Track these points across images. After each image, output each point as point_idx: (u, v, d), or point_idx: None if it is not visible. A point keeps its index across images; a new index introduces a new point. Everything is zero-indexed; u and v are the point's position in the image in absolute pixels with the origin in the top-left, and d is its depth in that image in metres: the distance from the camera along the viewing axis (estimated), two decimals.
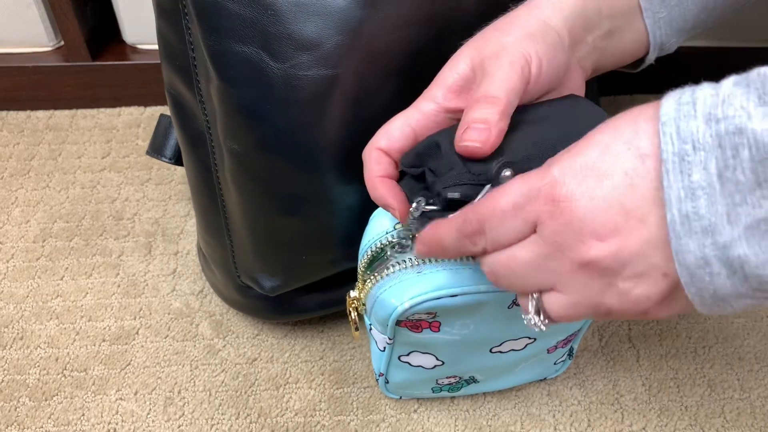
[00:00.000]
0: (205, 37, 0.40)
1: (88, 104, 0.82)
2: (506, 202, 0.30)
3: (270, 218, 0.47)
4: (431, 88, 0.38)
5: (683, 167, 0.26)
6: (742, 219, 0.25)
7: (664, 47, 0.42)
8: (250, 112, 0.41)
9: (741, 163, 0.25)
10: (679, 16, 0.41)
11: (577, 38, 0.38)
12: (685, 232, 0.26)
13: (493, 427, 0.55)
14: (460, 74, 0.37)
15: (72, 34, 0.76)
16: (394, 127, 0.38)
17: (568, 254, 0.29)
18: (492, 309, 0.42)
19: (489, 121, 0.33)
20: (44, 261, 0.67)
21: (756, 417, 0.56)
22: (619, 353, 0.60)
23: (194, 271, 0.66)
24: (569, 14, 0.37)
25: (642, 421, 0.56)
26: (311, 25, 0.39)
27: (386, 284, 0.41)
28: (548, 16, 0.37)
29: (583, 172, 0.28)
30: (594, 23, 0.38)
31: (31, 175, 0.75)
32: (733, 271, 0.26)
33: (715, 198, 0.25)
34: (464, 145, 0.34)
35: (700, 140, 0.25)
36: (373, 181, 0.37)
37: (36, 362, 0.59)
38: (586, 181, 0.28)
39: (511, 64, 0.35)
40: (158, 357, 0.59)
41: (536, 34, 0.36)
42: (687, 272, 0.27)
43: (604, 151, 0.28)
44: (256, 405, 0.56)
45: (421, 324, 0.43)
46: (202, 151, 0.49)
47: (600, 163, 0.28)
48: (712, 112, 0.25)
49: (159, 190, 0.73)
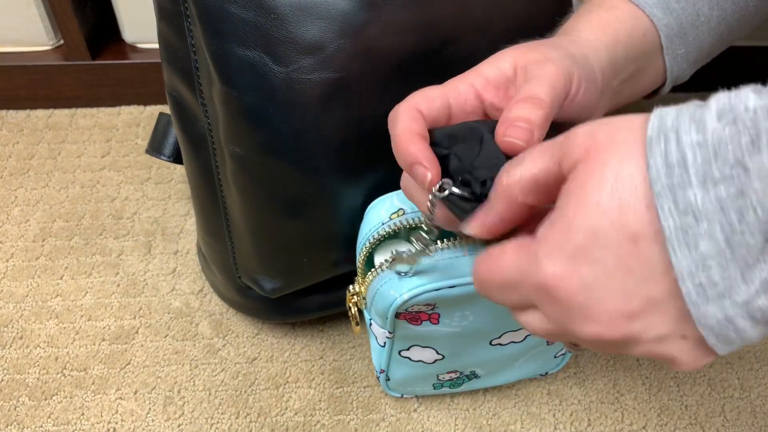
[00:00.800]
0: (208, 41, 0.40)
1: (87, 103, 0.82)
2: (501, 277, 0.30)
3: (271, 220, 0.47)
4: (467, 75, 0.36)
5: (688, 240, 0.24)
6: (757, 275, 0.24)
7: (679, 78, 0.42)
8: (252, 116, 0.41)
9: (748, 227, 0.23)
10: (696, 50, 0.41)
11: (607, 82, 0.38)
12: (703, 301, 0.25)
13: (493, 426, 0.55)
14: (501, 70, 0.35)
15: (72, 33, 0.76)
16: (433, 95, 0.35)
17: (578, 332, 0.28)
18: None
19: (532, 122, 0.32)
20: (44, 260, 0.66)
21: (756, 416, 0.56)
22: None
23: (194, 271, 0.66)
24: (603, 58, 0.37)
25: (642, 420, 0.56)
26: (314, 28, 0.39)
27: (386, 277, 0.41)
28: (587, 53, 0.36)
29: (574, 259, 0.27)
30: (620, 67, 0.38)
31: (31, 175, 0.75)
32: (756, 321, 0.25)
33: (727, 264, 0.24)
34: (508, 140, 0.32)
35: (700, 209, 0.24)
36: (406, 136, 0.34)
37: (36, 361, 0.59)
38: (578, 268, 0.27)
39: (557, 73, 0.34)
40: (158, 356, 0.59)
41: (578, 60, 0.35)
42: (712, 334, 0.26)
43: (591, 236, 0.26)
44: (255, 404, 0.56)
45: (421, 316, 0.43)
46: (203, 153, 0.48)
47: (590, 248, 0.26)
48: (707, 171, 0.24)
49: (159, 189, 0.73)
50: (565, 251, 0.27)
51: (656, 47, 0.39)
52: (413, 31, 0.41)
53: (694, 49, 0.41)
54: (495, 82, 0.35)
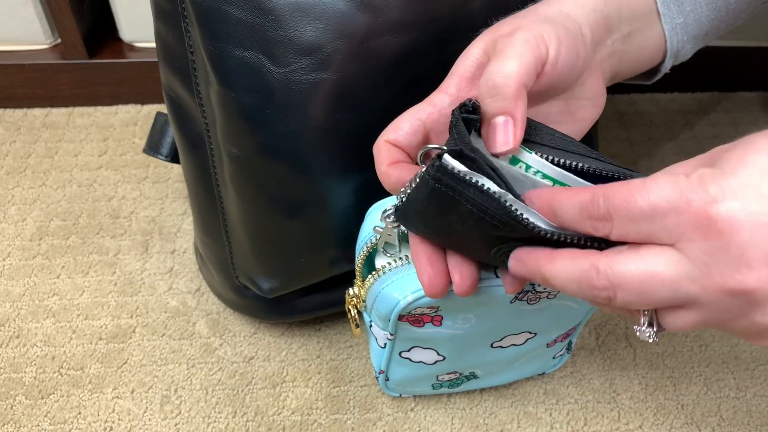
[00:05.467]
0: (206, 42, 0.40)
1: (85, 102, 0.82)
2: (646, 203, 0.27)
3: (269, 221, 0.47)
4: (445, 81, 0.36)
5: None
6: None
7: (680, 54, 0.42)
8: (250, 117, 0.41)
9: None
10: (694, 22, 0.40)
11: (599, 38, 0.37)
12: None
13: (490, 425, 0.56)
14: (472, 60, 0.35)
15: (69, 31, 0.76)
16: (403, 120, 0.36)
17: (718, 279, 0.26)
18: (495, 303, 0.42)
19: (508, 110, 0.31)
20: (41, 259, 0.66)
21: (752, 416, 0.56)
22: (616, 352, 0.60)
23: (191, 270, 0.66)
24: (590, 11, 0.36)
25: (638, 419, 0.56)
26: (311, 29, 0.39)
27: (388, 279, 0.41)
28: (569, 9, 0.35)
29: (745, 193, 0.25)
30: (614, 24, 0.37)
31: (28, 173, 0.75)
32: None
33: None
34: (498, 152, 0.32)
35: None
36: (385, 170, 0.35)
37: (32, 360, 0.59)
38: (750, 203, 0.25)
39: (525, 41, 0.32)
40: (155, 355, 0.59)
41: (555, 20, 0.34)
42: None
43: (763, 173, 0.25)
44: (252, 403, 0.56)
45: (423, 318, 0.43)
46: (200, 153, 0.48)
47: (762, 187, 0.25)
48: None
49: (156, 188, 0.73)
50: (735, 183, 0.26)
51: (653, 11, 0.39)
52: (411, 31, 0.41)
53: (693, 21, 0.40)
54: (469, 74, 0.35)
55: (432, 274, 0.35)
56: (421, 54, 0.41)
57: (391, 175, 0.35)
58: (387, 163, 0.35)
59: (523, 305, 0.42)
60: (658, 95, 0.85)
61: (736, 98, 0.86)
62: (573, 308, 0.46)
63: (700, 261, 0.26)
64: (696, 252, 0.26)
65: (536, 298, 0.42)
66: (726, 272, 0.26)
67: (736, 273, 0.26)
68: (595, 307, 0.47)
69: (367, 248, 0.41)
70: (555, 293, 0.42)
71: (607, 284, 0.28)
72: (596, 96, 0.38)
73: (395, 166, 0.35)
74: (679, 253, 0.27)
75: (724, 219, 0.25)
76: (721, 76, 0.85)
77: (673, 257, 0.27)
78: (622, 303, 0.28)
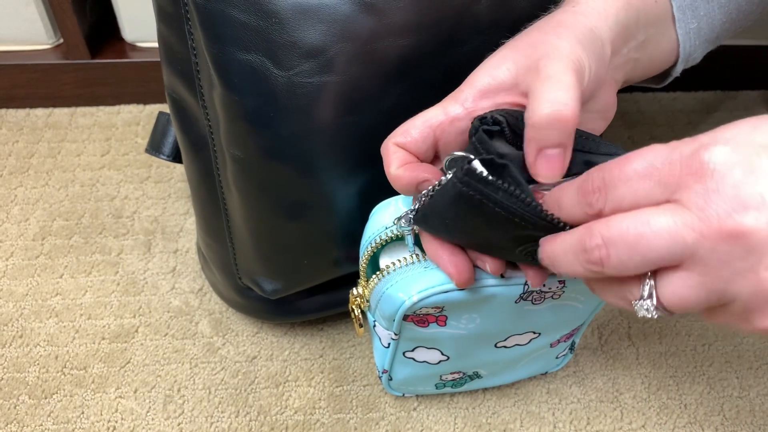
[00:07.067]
0: (209, 45, 0.40)
1: (87, 102, 0.82)
2: (640, 164, 0.27)
3: (272, 223, 0.47)
4: (462, 88, 0.35)
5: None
6: None
7: (690, 58, 0.41)
8: (253, 120, 0.41)
9: None
10: (707, 26, 0.40)
11: (616, 49, 0.36)
12: None
13: (493, 424, 0.56)
14: (497, 80, 0.34)
15: (71, 31, 0.76)
16: (413, 126, 0.36)
17: (715, 222, 0.25)
18: (499, 303, 0.42)
19: (565, 144, 0.31)
20: (43, 259, 0.67)
21: (755, 415, 0.56)
22: (618, 351, 0.60)
23: (193, 269, 0.66)
24: (613, 24, 0.35)
25: (641, 419, 0.56)
26: (315, 32, 0.39)
27: (393, 279, 0.41)
28: (595, 25, 0.34)
29: (736, 140, 0.26)
30: (632, 33, 0.37)
31: (31, 173, 0.75)
32: None
33: None
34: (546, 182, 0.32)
35: None
36: (396, 172, 0.35)
37: (35, 360, 0.59)
38: (740, 148, 0.26)
39: (575, 71, 0.32)
40: (158, 355, 0.59)
41: (584, 42, 0.33)
42: None
43: (754, 126, 0.26)
44: (255, 403, 0.57)
45: (428, 318, 0.43)
46: (203, 155, 0.48)
47: (754, 137, 0.26)
48: None
49: (158, 188, 0.73)
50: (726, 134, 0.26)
51: (668, 16, 0.38)
52: (415, 33, 0.40)
53: (706, 26, 0.40)
54: (488, 90, 0.35)
55: (457, 263, 0.37)
56: (425, 56, 0.41)
57: (402, 177, 0.35)
58: (397, 165, 0.36)
59: (528, 305, 0.42)
60: (661, 94, 0.85)
61: (739, 97, 0.85)
62: (577, 308, 0.46)
63: (696, 205, 0.26)
64: (691, 197, 0.26)
65: (541, 298, 0.42)
66: (722, 213, 0.25)
67: (733, 213, 0.25)
68: (597, 305, 0.47)
69: (372, 248, 0.41)
70: (560, 293, 0.42)
71: (600, 242, 0.28)
72: (606, 109, 0.38)
73: (405, 167, 0.35)
74: (674, 204, 0.27)
75: (717, 159, 0.26)
76: (724, 75, 0.85)
77: (669, 207, 0.27)
78: (616, 263, 0.27)
